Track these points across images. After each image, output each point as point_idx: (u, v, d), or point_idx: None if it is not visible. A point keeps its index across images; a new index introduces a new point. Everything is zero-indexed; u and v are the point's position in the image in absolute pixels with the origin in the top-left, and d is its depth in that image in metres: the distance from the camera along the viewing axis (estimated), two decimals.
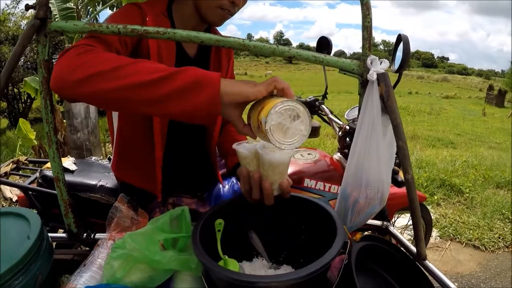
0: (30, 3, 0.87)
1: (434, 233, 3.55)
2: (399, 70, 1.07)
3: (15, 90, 8.66)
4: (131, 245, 0.73)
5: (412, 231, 2.39)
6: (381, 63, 0.80)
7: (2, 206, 3.73)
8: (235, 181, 1.73)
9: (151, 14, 1.00)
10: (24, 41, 0.86)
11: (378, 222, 1.18)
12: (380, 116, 0.82)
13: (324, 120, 1.94)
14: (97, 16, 5.45)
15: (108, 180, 1.57)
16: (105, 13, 5.33)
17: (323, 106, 1.88)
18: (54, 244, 1.33)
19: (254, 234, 0.91)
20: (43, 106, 0.92)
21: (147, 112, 0.74)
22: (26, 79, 4.57)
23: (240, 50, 0.75)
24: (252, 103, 0.73)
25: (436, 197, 4.38)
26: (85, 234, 1.07)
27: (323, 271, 0.66)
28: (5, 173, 1.74)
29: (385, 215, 1.68)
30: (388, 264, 0.91)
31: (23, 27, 9.56)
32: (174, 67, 0.69)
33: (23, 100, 9.18)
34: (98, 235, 1.07)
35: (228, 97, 0.68)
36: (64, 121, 4.55)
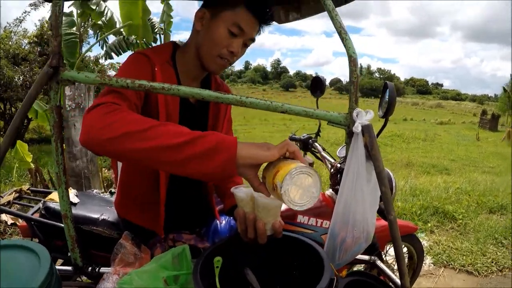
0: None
1: (428, 260, 3.59)
2: (386, 116, 1.15)
3: (13, 109, 8.66)
4: (138, 282, 0.79)
5: (406, 260, 2.45)
6: (366, 114, 0.89)
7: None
8: (231, 218, 1.80)
9: (158, 63, 1.09)
10: (38, 87, 0.94)
11: (366, 257, 1.25)
12: (365, 164, 0.90)
13: (317, 157, 2.03)
14: (106, 38, 5.60)
15: (110, 214, 1.63)
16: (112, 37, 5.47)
17: (316, 144, 1.98)
18: None
19: (250, 271, 0.97)
20: (54, 149, 0.99)
21: (168, 171, 0.82)
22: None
23: (237, 106, 0.84)
24: (267, 163, 0.82)
25: (429, 224, 4.44)
26: (90, 268, 1.14)
27: None
28: (8, 202, 1.79)
29: (376, 248, 1.74)
30: None
31: (24, 46, 9.70)
32: (195, 132, 0.77)
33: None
34: (102, 269, 1.13)
35: (243, 160, 0.76)
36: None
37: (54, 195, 1.81)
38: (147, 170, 1.18)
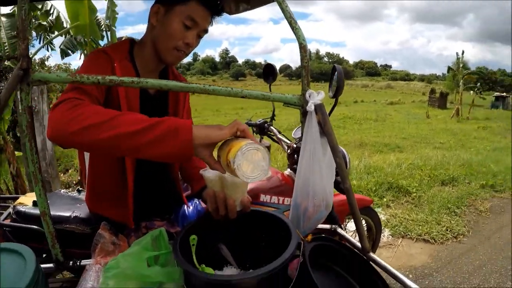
0: None
1: (386, 232, 3.85)
2: (335, 96, 1.27)
3: None
4: (125, 264, 0.86)
5: (365, 232, 2.64)
6: (318, 94, 1.01)
7: None
8: (198, 202, 1.88)
9: (117, 59, 1.14)
10: (10, 89, 0.97)
11: (327, 226, 1.38)
12: (319, 139, 1.02)
13: (274, 140, 2.15)
14: (51, 42, 5.39)
15: (81, 211, 1.65)
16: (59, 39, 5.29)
17: (271, 127, 2.10)
18: None
19: (224, 246, 1.07)
20: (28, 148, 1.02)
21: (132, 156, 0.88)
22: None
23: (202, 93, 0.93)
24: (220, 143, 0.91)
25: (385, 199, 4.73)
26: (71, 262, 1.17)
27: (283, 266, 0.83)
28: None
29: (336, 220, 1.90)
30: (338, 259, 1.11)
31: None
32: (153, 118, 0.85)
33: None
34: (83, 262, 1.17)
35: (199, 140, 0.84)
36: (16, 153, 4.41)
37: (23, 199, 1.81)
38: (113, 164, 1.23)
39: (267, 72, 1.94)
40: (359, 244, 1.16)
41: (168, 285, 0.94)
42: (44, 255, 1.59)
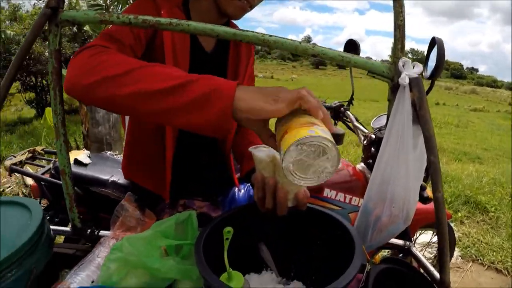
0: None
1: (456, 252, 3.40)
2: (432, 77, 0.99)
3: (44, 81, 8.86)
4: (128, 249, 0.68)
5: (433, 249, 2.26)
6: (413, 67, 0.73)
7: (22, 193, 3.81)
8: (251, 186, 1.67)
9: (165, 7, 0.95)
10: (35, 29, 0.84)
11: (399, 242, 1.08)
12: (411, 126, 0.74)
13: (349, 127, 1.85)
14: None
15: (120, 176, 1.54)
16: None
17: (348, 112, 1.80)
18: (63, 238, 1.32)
19: (264, 246, 0.84)
20: (52, 97, 0.89)
21: (154, 121, 0.69)
22: None
23: (259, 46, 0.69)
24: None
25: (460, 214, 4.21)
26: (89, 230, 1.04)
27: None
28: (20, 161, 1.73)
29: (406, 232, 1.58)
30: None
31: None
32: (187, 74, 0.64)
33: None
34: (102, 232, 1.03)
35: (241, 114, 0.61)
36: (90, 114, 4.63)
37: None
38: (152, 129, 1.06)
39: (349, 49, 1.64)
40: (437, 275, 0.86)
41: (185, 283, 0.74)
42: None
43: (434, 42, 0.97)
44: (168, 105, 0.62)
